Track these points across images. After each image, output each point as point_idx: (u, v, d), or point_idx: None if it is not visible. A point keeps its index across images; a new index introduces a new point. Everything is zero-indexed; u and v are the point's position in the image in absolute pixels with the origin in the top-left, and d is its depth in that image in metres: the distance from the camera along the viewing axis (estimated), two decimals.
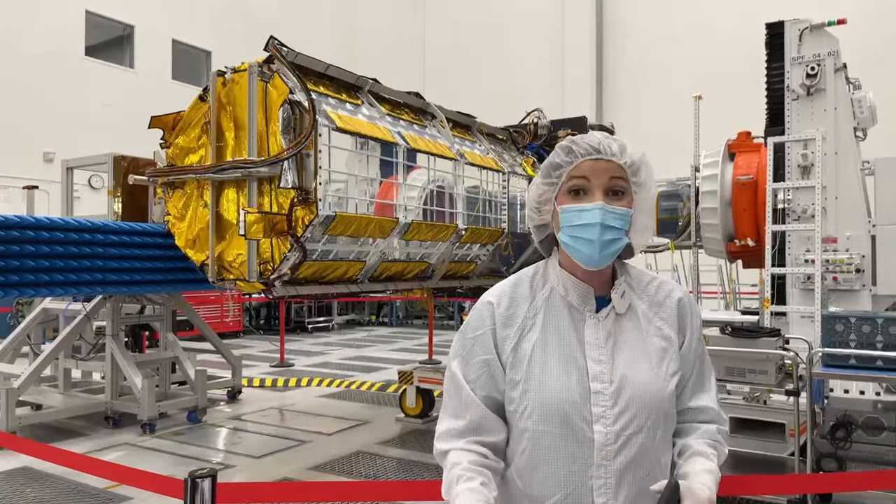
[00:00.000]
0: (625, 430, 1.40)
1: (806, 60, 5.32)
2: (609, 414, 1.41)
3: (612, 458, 1.40)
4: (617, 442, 1.40)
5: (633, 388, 1.42)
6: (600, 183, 1.44)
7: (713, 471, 1.43)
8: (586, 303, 1.49)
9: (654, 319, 1.51)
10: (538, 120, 7.60)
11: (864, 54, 9.19)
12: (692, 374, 1.54)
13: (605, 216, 1.41)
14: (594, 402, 1.41)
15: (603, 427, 1.40)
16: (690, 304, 1.56)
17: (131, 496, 4.70)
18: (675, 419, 1.50)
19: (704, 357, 1.57)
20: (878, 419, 4.37)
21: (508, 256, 7.04)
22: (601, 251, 1.42)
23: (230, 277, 4.71)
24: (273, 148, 4.40)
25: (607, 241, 1.42)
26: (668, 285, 1.57)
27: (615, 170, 1.45)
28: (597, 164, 1.45)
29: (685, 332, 1.53)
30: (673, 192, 6.92)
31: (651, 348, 1.47)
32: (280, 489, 3.65)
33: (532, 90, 16.73)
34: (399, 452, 5.88)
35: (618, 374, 1.43)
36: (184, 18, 17.48)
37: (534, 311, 1.51)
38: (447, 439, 1.49)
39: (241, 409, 7.64)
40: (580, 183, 1.46)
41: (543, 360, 1.46)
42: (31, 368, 6.47)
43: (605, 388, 1.42)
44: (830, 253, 5.15)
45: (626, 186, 1.46)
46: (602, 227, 1.41)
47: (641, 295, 1.54)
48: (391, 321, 17.86)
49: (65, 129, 14.26)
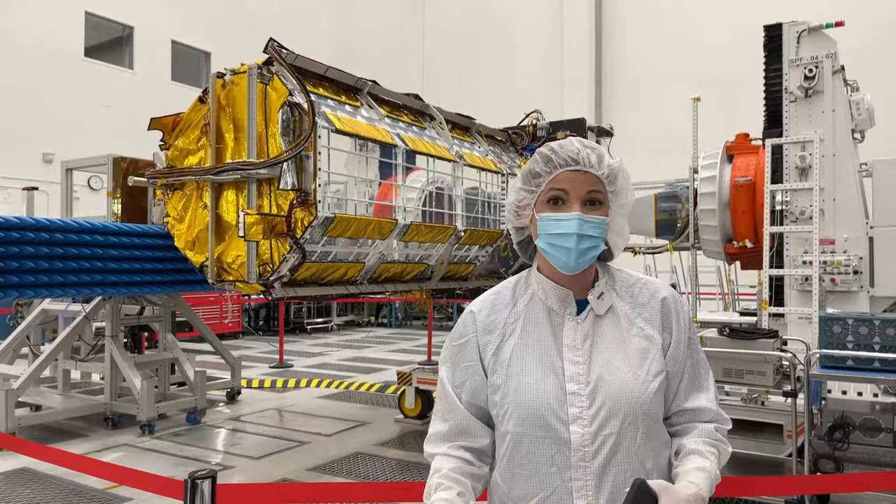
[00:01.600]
0: (602, 430, 1.40)
1: (804, 62, 5.34)
2: (585, 415, 1.41)
3: (590, 460, 1.40)
4: (594, 443, 1.40)
5: (609, 388, 1.42)
6: (578, 194, 1.46)
7: (706, 469, 1.41)
8: (566, 306, 1.51)
9: (636, 320, 1.51)
10: (537, 121, 7.61)
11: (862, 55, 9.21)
12: (684, 375, 1.52)
13: (582, 226, 1.43)
14: (570, 402, 1.42)
15: (580, 428, 1.41)
16: (675, 302, 1.54)
17: (131, 497, 4.69)
18: (660, 420, 1.49)
19: (698, 357, 1.56)
20: (876, 420, 4.38)
21: (507, 258, 7.05)
22: (577, 258, 1.45)
23: (229, 279, 4.71)
24: (272, 150, 4.41)
25: (584, 250, 1.44)
26: (652, 285, 1.57)
27: (593, 181, 1.47)
28: (575, 176, 1.46)
29: (670, 330, 1.51)
30: (671, 194, 6.93)
31: (631, 349, 1.47)
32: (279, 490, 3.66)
33: (531, 91, 16.75)
34: (398, 453, 5.88)
35: (594, 375, 1.43)
36: (183, 19, 17.49)
37: (514, 317, 1.54)
38: (434, 442, 1.56)
39: (240, 410, 7.65)
40: (559, 193, 1.47)
41: (522, 364, 1.48)
42: (31, 369, 6.48)
43: (580, 389, 1.43)
44: (828, 254, 5.16)
45: (603, 196, 1.48)
46: (579, 236, 1.43)
47: (624, 296, 1.54)
48: (390, 322, 17.86)
49: (64, 130, 14.26)
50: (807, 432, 4.03)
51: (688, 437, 1.50)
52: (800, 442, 4.13)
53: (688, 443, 1.48)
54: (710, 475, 1.41)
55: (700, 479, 1.38)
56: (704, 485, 1.37)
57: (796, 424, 4.14)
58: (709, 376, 1.57)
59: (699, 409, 1.51)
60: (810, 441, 4.09)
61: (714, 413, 1.52)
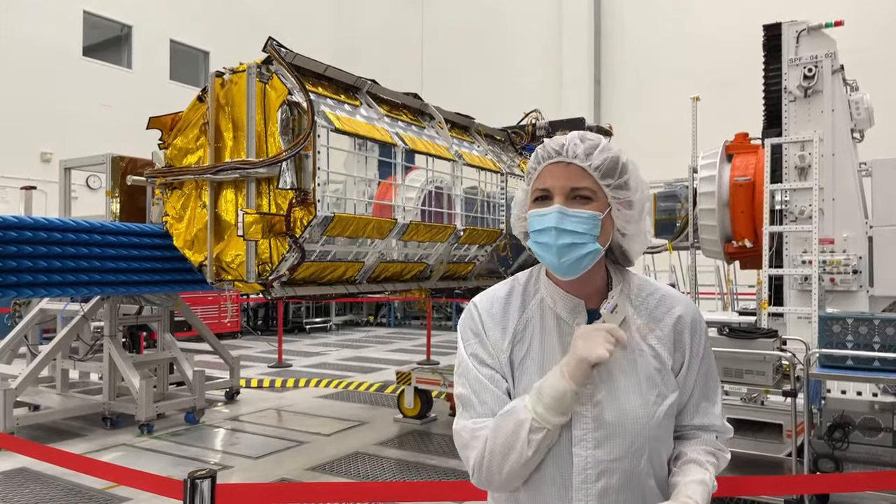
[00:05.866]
0: (607, 455, 1.34)
1: (803, 62, 5.34)
2: (590, 437, 1.35)
3: (592, 483, 1.34)
4: (598, 466, 1.34)
5: (616, 411, 1.35)
6: (560, 187, 1.36)
7: (704, 481, 1.38)
8: (576, 315, 1.42)
9: (648, 336, 1.42)
10: (536, 120, 7.61)
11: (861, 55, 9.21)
12: (694, 392, 1.47)
13: (561, 220, 1.33)
14: (575, 424, 1.35)
15: (583, 451, 1.35)
16: (693, 321, 1.45)
17: (129, 497, 4.69)
18: (667, 443, 1.44)
19: (712, 373, 1.49)
20: (875, 420, 4.38)
21: (506, 257, 7.05)
22: (560, 257, 1.34)
23: (228, 278, 4.71)
24: (271, 149, 4.41)
25: (566, 246, 1.33)
26: (670, 300, 1.46)
27: (578, 173, 1.36)
28: (557, 168, 1.37)
29: (683, 350, 1.44)
30: (671, 194, 6.93)
31: (641, 370, 1.39)
32: (278, 490, 3.65)
33: (530, 91, 16.76)
34: (397, 453, 5.88)
35: (601, 397, 1.36)
36: (182, 19, 17.46)
37: (524, 323, 1.45)
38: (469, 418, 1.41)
39: (238, 409, 7.64)
40: (542, 189, 1.39)
41: (529, 376, 1.40)
42: (29, 369, 6.46)
43: (586, 411, 1.35)
44: (827, 254, 5.16)
45: (594, 190, 1.36)
46: (557, 230, 1.33)
47: (640, 308, 1.44)
48: (389, 322, 17.84)
49: (62, 129, 14.23)
50: (806, 432, 4.03)
51: (688, 445, 1.47)
52: (799, 441, 4.13)
53: (688, 451, 1.45)
54: (708, 487, 1.38)
55: (698, 493, 1.35)
56: (702, 499, 1.35)
57: (796, 424, 4.14)
58: (717, 390, 1.51)
59: (706, 425, 1.48)
60: (810, 440, 4.09)
61: (719, 426, 1.49)
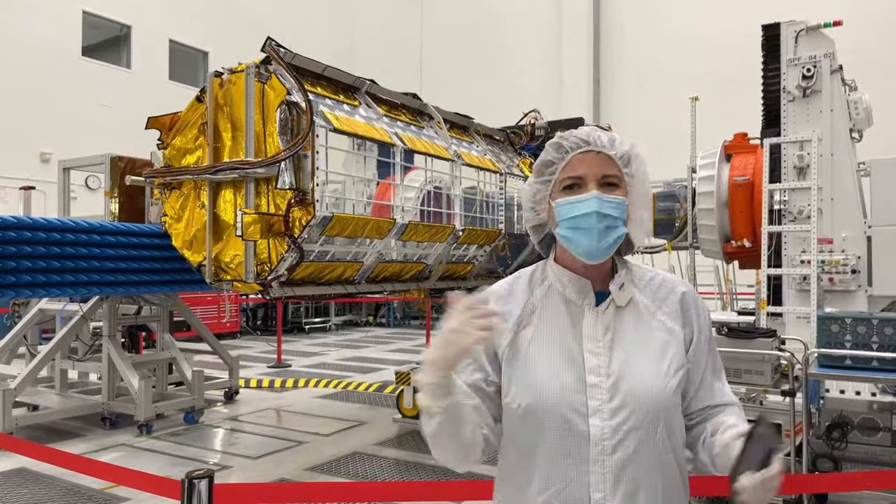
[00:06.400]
0: (623, 424, 1.37)
1: (802, 62, 5.34)
2: (606, 408, 1.38)
3: (609, 454, 1.37)
4: (615, 437, 1.37)
5: (631, 382, 1.39)
6: (593, 175, 1.44)
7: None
8: (584, 296, 1.47)
9: (656, 313, 1.48)
10: (535, 120, 7.62)
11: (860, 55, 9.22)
12: (706, 371, 1.52)
13: (601, 205, 1.40)
14: (590, 395, 1.39)
15: (599, 421, 1.38)
16: (695, 299, 1.53)
17: (128, 497, 4.69)
18: (679, 415, 1.47)
19: (716, 354, 1.55)
20: (874, 420, 4.39)
21: (505, 257, 7.05)
22: (599, 241, 1.40)
23: (227, 278, 4.71)
24: (270, 149, 4.41)
25: (604, 230, 1.40)
26: (671, 281, 1.55)
27: (606, 161, 1.45)
28: (587, 157, 1.45)
29: (692, 325, 1.50)
30: (670, 193, 6.94)
31: (652, 343, 1.45)
32: (277, 490, 3.65)
33: (529, 91, 16.77)
34: (396, 453, 5.88)
35: (615, 368, 1.40)
36: (181, 19, 17.45)
37: (531, 308, 1.50)
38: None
39: (238, 409, 7.64)
40: (574, 180, 1.45)
41: (539, 355, 1.45)
42: (28, 369, 6.46)
43: (601, 382, 1.40)
44: (826, 254, 5.16)
45: (619, 178, 1.45)
46: (599, 215, 1.40)
47: (644, 290, 1.51)
48: (388, 322, 17.84)
49: (61, 129, 14.21)
50: (805, 431, 4.04)
51: (721, 416, 1.49)
52: (798, 441, 4.13)
53: (725, 419, 1.47)
54: None
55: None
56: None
57: (794, 424, 4.14)
58: (723, 372, 1.58)
59: (725, 403, 1.53)
60: (808, 440, 4.10)
61: (736, 401, 1.54)
